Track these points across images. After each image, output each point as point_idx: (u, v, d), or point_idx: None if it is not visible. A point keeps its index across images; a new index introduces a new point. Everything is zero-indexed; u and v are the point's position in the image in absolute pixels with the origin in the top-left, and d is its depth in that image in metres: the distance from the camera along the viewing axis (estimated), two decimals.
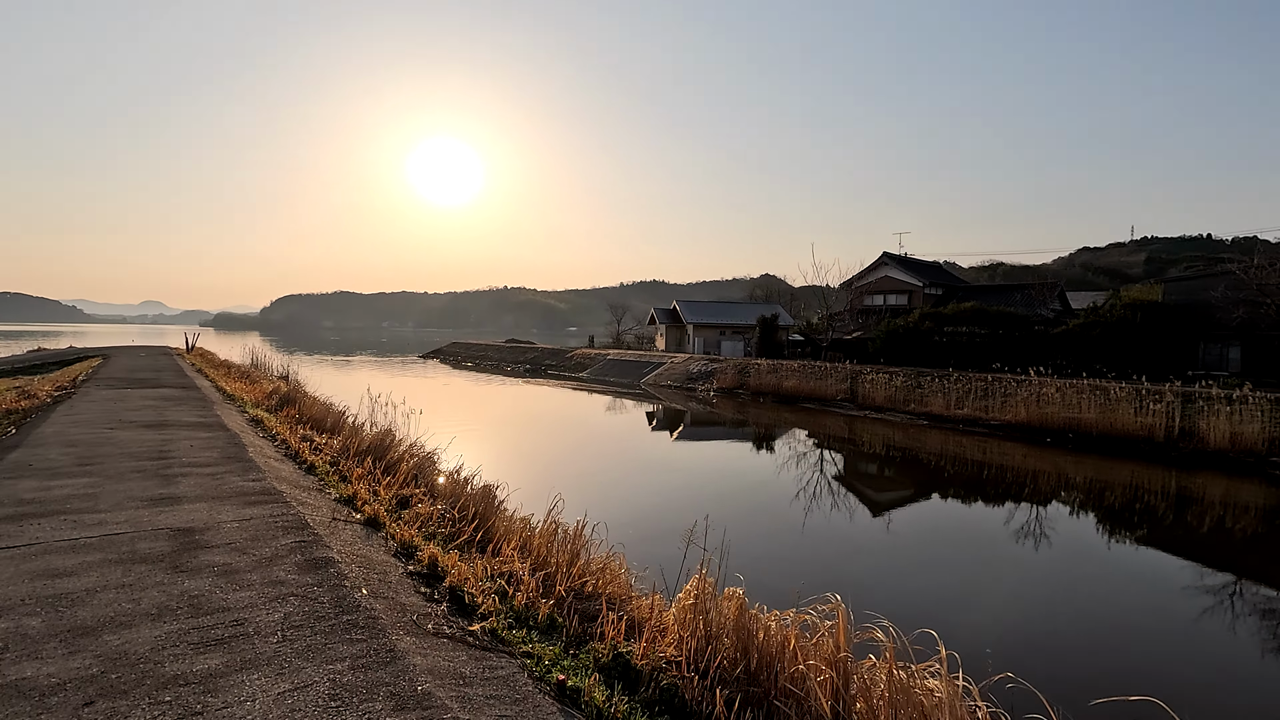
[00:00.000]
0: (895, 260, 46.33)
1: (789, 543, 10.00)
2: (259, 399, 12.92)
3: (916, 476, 16.76)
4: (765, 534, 10.26)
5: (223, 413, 9.80)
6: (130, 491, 4.99)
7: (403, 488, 6.06)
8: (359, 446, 7.48)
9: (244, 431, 8.15)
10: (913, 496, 14.73)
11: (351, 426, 8.56)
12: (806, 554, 9.51)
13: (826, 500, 13.25)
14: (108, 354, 28.39)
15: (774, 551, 9.35)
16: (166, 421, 8.58)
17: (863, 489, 15.20)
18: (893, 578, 8.68)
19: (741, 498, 12.98)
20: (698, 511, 5.85)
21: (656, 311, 57.69)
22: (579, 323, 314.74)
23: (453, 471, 6.78)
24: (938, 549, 10.44)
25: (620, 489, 13.03)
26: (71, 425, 8.06)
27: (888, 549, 10.26)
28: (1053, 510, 13.60)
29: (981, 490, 15.32)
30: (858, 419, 27.57)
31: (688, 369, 40.84)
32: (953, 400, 26.41)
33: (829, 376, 32.46)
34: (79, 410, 9.48)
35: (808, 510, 12.23)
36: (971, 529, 12.21)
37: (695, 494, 13.02)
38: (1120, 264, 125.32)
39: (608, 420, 26.29)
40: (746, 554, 8.29)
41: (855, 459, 18.99)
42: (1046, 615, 7.71)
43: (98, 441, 7.01)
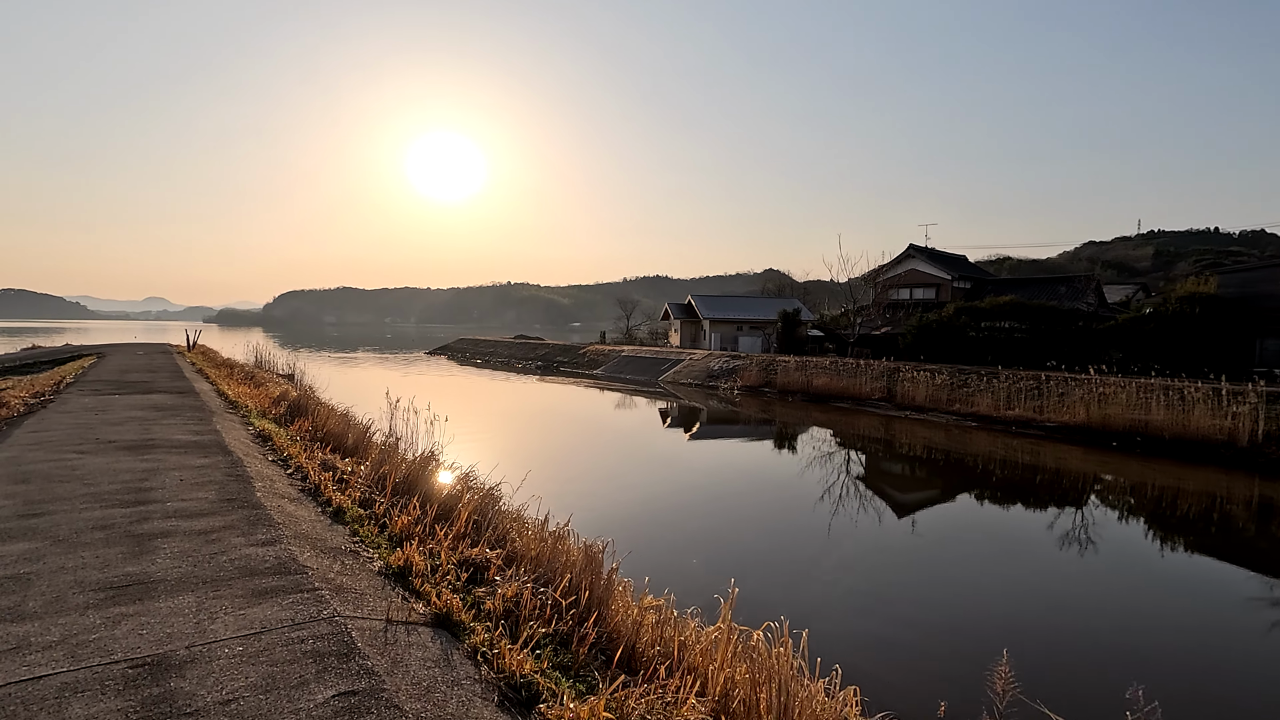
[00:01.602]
0: (922, 253, 44.52)
1: (874, 572, 8.39)
2: (265, 406, 11.30)
3: (981, 485, 15.19)
4: (848, 561, 8.65)
5: (223, 426, 8.18)
6: (82, 570, 3.37)
7: (466, 542, 4.44)
8: (395, 476, 5.86)
9: (249, 455, 6.53)
10: (981, 509, 13.19)
11: (380, 446, 6.93)
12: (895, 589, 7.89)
13: (895, 520, 11.62)
14: (103, 352, 26.82)
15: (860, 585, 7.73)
16: (153, 441, 6.95)
17: (930, 502, 13.59)
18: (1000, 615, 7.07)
19: (811, 517, 11.37)
20: (782, 541, 4.26)
21: (670, 306, 55.96)
22: (582, 318, 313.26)
23: (526, 516, 5.16)
24: (1018, 571, 8.90)
25: (708, 522, 11.42)
26: (33, 447, 6.45)
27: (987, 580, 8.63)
28: (1132, 523, 12.26)
29: (1053, 499, 13.93)
30: (897, 420, 25.93)
31: (708, 366, 39.19)
32: (1001, 400, 24.75)
33: (863, 374, 30.81)
34: (50, 425, 7.86)
35: (879, 531, 10.62)
36: (1045, 543, 10.73)
37: (766, 516, 11.43)
38: (1127, 257, 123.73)
39: (643, 426, 24.61)
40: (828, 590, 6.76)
41: (913, 466, 17.32)
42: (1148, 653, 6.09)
43: (59, 474, 5.39)
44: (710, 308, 52.02)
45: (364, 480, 6.04)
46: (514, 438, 19.08)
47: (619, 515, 10.40)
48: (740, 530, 10.31)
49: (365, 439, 7.75)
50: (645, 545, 8.96)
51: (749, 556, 8.96)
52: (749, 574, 8.14)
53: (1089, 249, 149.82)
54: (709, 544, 9.32)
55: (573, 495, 10.80)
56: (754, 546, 9.47)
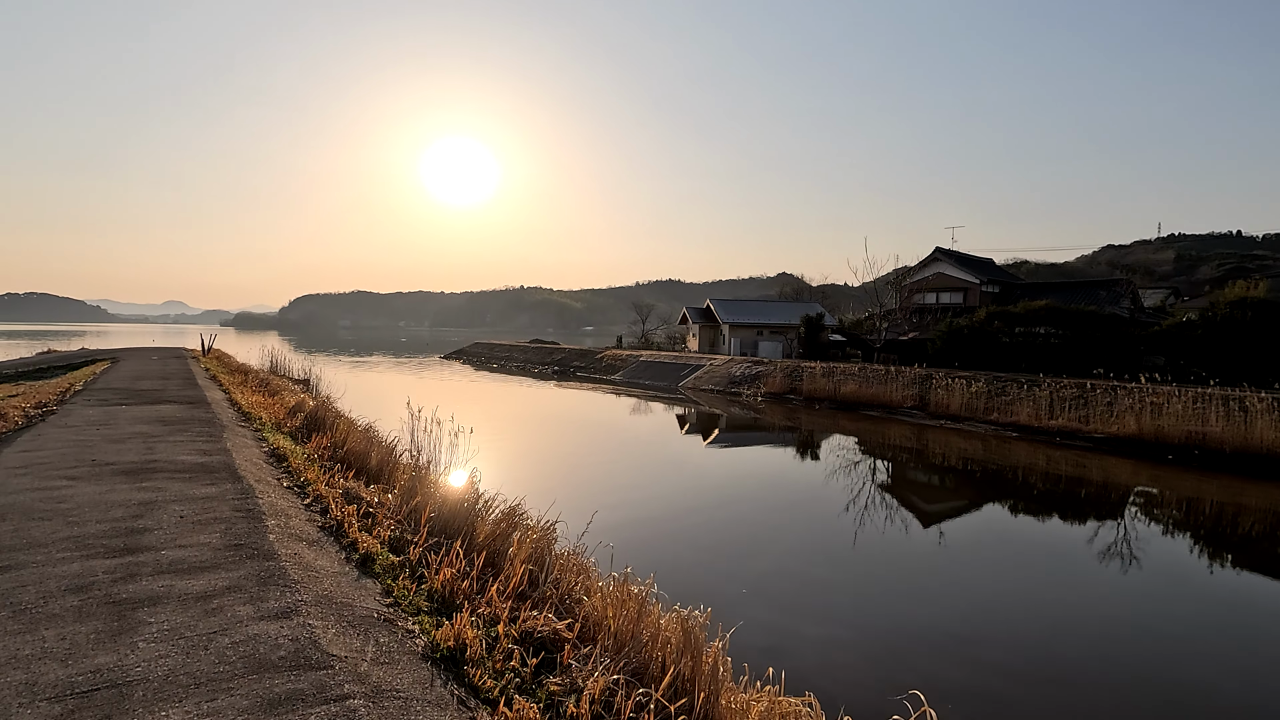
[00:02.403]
0: (949, 256, 43.33)
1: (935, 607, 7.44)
2: (280, 418, 10.55)
3: (1030, 501, 14.23)
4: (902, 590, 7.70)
5: (234, 444, 7.41)
6: (39, 662, 2.55)
7: (526, 605, 3.59)
8: (429, 508, 5.04)
9: (261, 481, 5.73)
10: (1032, 526, 12.27)
11: (409, 469, 6.11)
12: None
13: (945, 546, 10.62)
14: (117, 357, 26.37)
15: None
16: (155, 464, 6.18)
17: (987, 521, 12.59)
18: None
19: (876, 542, 10.43)
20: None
21: (688, 311, 55.06)
22: (594, 322, 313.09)
23: (588, 562, 4.31)
24: (1072, 595, 7.95)
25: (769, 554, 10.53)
26: (19, 472, 5.69)
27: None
28: (1191, 542, 11.37)
29: (1107, 515, 13.17)
30: (931, 429, 24.85)
31: (730, 372, 38.24)
32: (1043, 409, 23.63)
33: (893, 381, 29.75)
34: (45, 443, 7.12)
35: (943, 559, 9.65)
36: (1097, 564, 9.85)
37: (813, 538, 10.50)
38: (1148, 261, 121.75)
39: (675, 437, 23.67)
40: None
41: (958, 480, 16.26)
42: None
43: (41, 509, 4.61)
44: (729, 312, 51.05)
45: (393, 513, 5.22)
46: (544, 451, 18.14)
47: (667, 540, 9.53)
48: (800, 557, 9.40)
49: (391, 460, 6.94)
50: (702, 575, 8.09)
51: (816, 590, 8.06)
52: (816, 608, 7.26)
53: (1108, 253, 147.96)
54: (775, 575, 8.42)
55: (616, 519, 9.92)
56: (815, 575, 8.57)
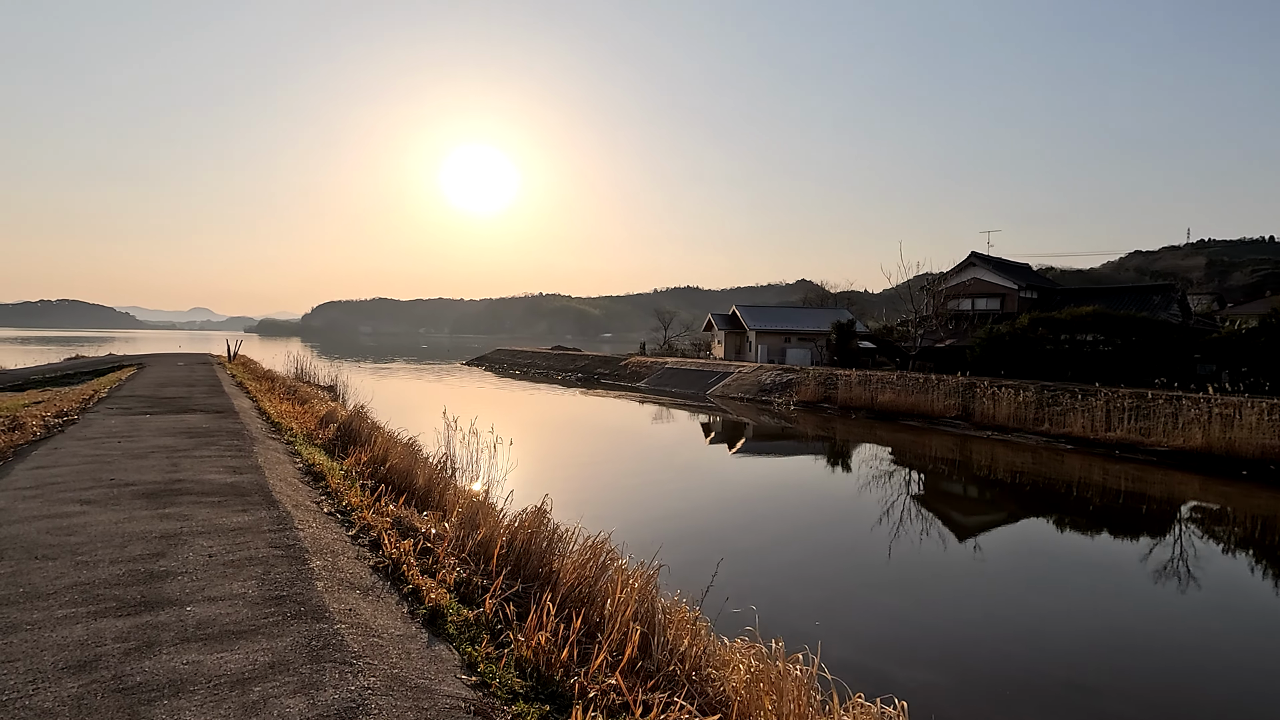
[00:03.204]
0: (985, 261, 41.99)
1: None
2: (312, 428, 9.88)
3: (1094, 519, 13.21)
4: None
5: (265, 459, 6.71)
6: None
7: (648, 685, 2.78)
8: (497, 541, 4.26)
9: (299, 506, 4.99)
10: (1095, 545, 11.26)
11: (462, 492, 5.34)
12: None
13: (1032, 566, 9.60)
14: (144, 363, 26.12)
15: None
16: (180, 484, 5.47)
17: (1049, 541, 11.54)
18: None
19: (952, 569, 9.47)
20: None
21: (714, 317, 54.15)
22: (613, 329, 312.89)
23: (696, 614, 3.48)
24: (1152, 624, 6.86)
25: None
26: (29, 494, 5.00)
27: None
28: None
29: (1179, 535, 12.18)
30: (978, 440, 23.72)
31: (759, 380, 37.25)
32: (1099, 420, 22.41)
33: (934, 389, 28.59)
34: (61, 457, 6.46)
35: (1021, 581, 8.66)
36: (1166, 589, 8.96)
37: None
38: (1178, 267, 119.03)
39: (714, 450, 22.78)
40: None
41: (1021, 495, 15.14)
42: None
43: (47, 543, 3.89)
44: (756, 318, 50.07)
45: (454, 548, 4.44)
46: (588, 464, 17.05)
47: (754, 571, 8.64)
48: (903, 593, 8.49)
49: (441, 480, 6.17)
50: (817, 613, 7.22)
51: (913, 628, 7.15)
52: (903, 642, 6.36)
53: (1135, 259, 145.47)
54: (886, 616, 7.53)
55: (688, 547, 9.03)
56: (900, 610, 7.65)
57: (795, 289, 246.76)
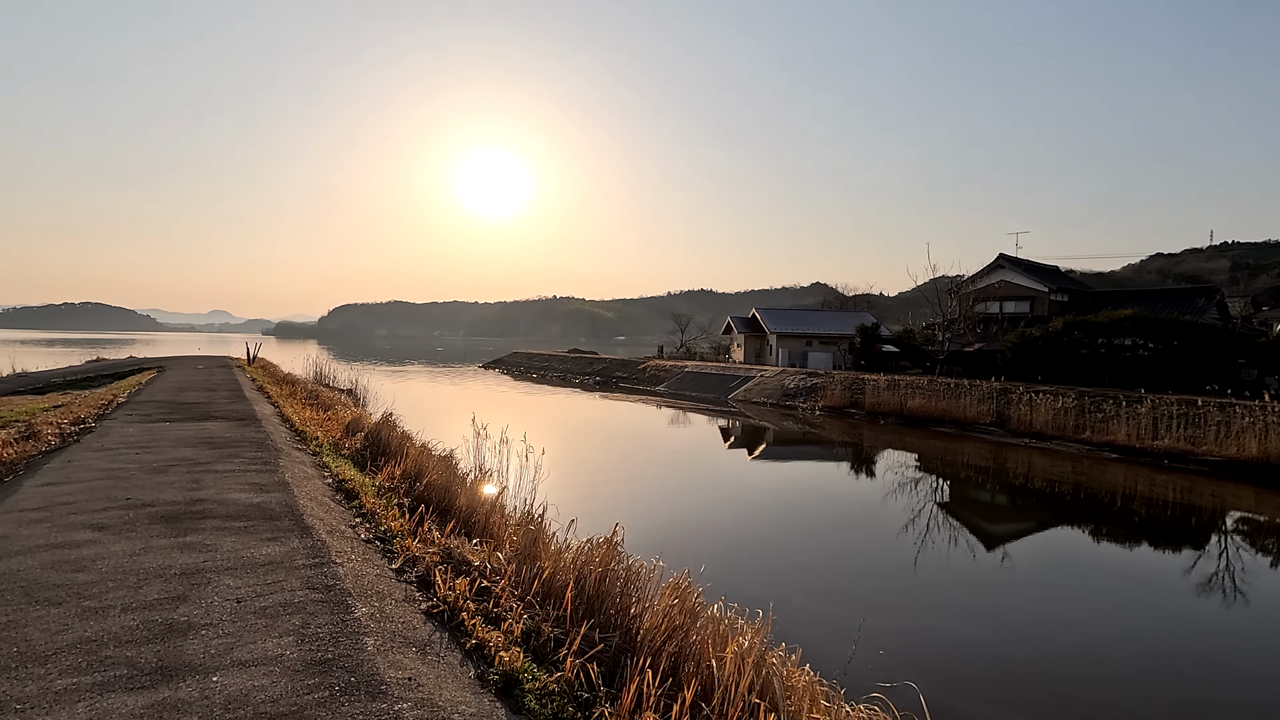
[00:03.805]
0: (1013, 263, 40.94)
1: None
2: (337, 437, 9.38)
3: (1153, 535, 12.37)
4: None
5: (292, 474, 6.18)
6: None
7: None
8: (566, 583, 3.68)
9: (334, 533, 4.44)
10: (1154, 563, 10.40)
11: (523, 522, 4.77)
12: None
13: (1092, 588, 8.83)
14: (164, 366, 25.91)
15: None
16: (202, 504, 4.94)
17: (1102, 557, 10.71)
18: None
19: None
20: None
21: (733, 320, 53.43)
22: (626, 331, 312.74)
23: (820, 676, 2.88)
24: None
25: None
26: (35, 517, 4.49)
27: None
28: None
29: (1236, 552, 11.26)
30: (1015, 448, 22.87)
31: (783, 384, 36.50)
32: (1144, 428, 21.49)
33: (965, 395, 27.72)
34: (75, 472, 5.98)
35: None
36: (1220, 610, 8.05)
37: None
38: (1201, 270, 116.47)
39: (750, 459, 22.06)
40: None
41: (1076, 509, 14.28)
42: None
43: (49, 585, 3.36)
44: (777, 321, 49.28)
45: (511, 583, 3.86)
46: (622, 474, 16.19)
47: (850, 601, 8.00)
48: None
49: (485, 501, 5.60)
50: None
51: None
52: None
53: (1157, 261, 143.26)
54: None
55: (749, 572, 8.36)
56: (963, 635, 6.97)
57: (810, 291, 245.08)
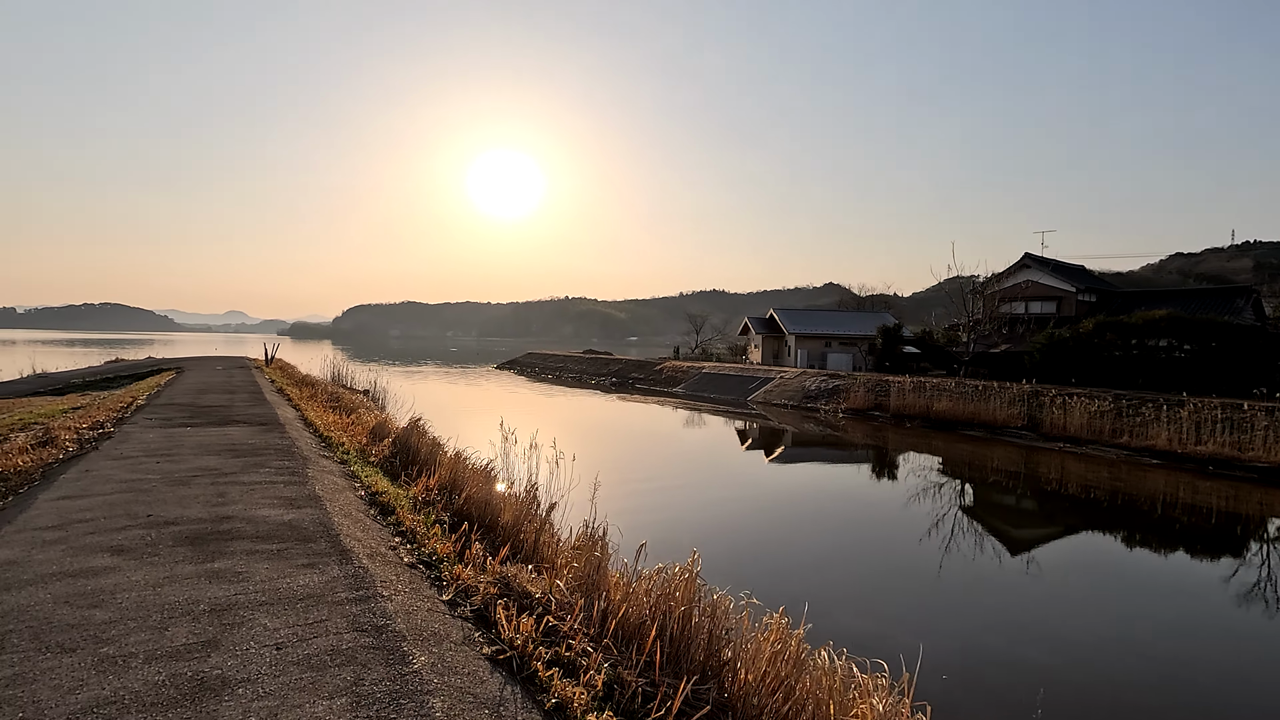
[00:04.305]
0: (1039, 263, 40.01)
1: None
2: (364, 444, 8.98)
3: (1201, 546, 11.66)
4: None
5: (323, 486, 5.77)
6: None
7: None
8: (644, 621, 3.20)
9: (375, 558, 4.00)
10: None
11: (582, 545, 4.31)
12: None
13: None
14: (182, 367, 25.77)
15: None
16: (229, 523, 4.52)
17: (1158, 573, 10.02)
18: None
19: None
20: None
21: (750, 321, 52.83)
22: (639, 332, 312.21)
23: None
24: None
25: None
26: (50, 538, 4.09)
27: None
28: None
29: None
30: (1048, 452, 22.21)
31: (803, 385, 35.88)
32: (1186, 433, 20.74)
33: (994, 397, 27.01)
34: (92, 483, 5.59)
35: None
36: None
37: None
38: (1223, 270, 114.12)
39: (790, 466, 21.43)
40: None
41: (1123, 518, 13.56)
42: None
43: (62, 625, 2.94)
44: (795, 322, 48.64)
45: (580, 620, 3.40)
46: (657, 481, 15.38)
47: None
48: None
49: (531, 517, 5.14)
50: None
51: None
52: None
53: (1176, 261, 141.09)
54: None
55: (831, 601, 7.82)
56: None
57: (824, 292, 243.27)
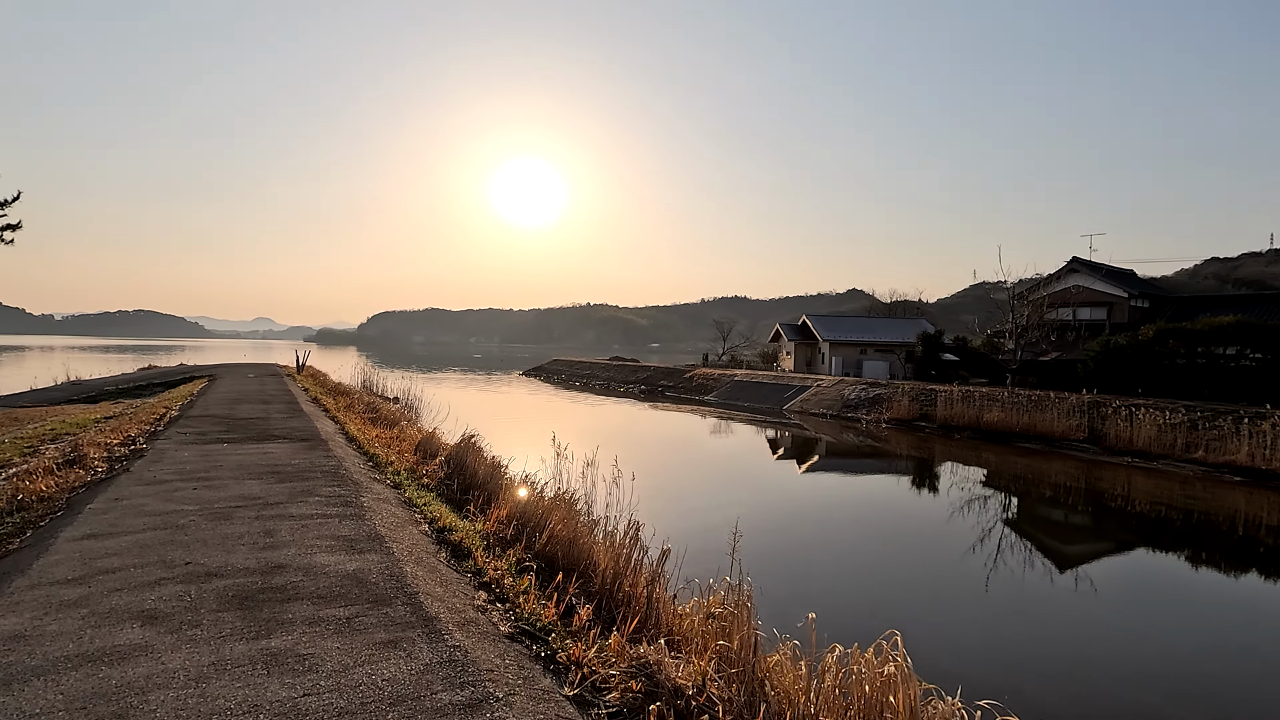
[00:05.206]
0: (1089, 267, 38.34)
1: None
2: (413, 463, 8.22)
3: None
4: None
5: (382, 521, 4.97)
6: None
7: None
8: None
9: (468, 628, 3.16)
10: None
11: (722, 614, 3.44)
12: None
13: None
14: (215, 374, 25.46)
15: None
16: (282, 574, 3.72)
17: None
18: None
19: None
20: None
21: (782, 327, 51.65)
22: (660, 339, 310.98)
23: None
24: None
25: None
26: (68, 597, 3.32)
27: None
28: None
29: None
30: (1113, 467, 20.87)
31: (842, 394, 34.68)
32: (1270, 447, 19.29)
33: (1051, 408, 25.64)
34: (122, 517, 4.84)
35: None
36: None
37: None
38: (1263, 275, 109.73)
39: (860, 480, 20.35)
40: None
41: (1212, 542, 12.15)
42: None
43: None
44: (829, 329, 47.34)
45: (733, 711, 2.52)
46: (732, 502, 13.84)
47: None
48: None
49: (627, 560, 4.28)
50: None
51: None
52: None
53: (1212, 265, 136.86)
54: None
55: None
56: None
57: (847, 298, 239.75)
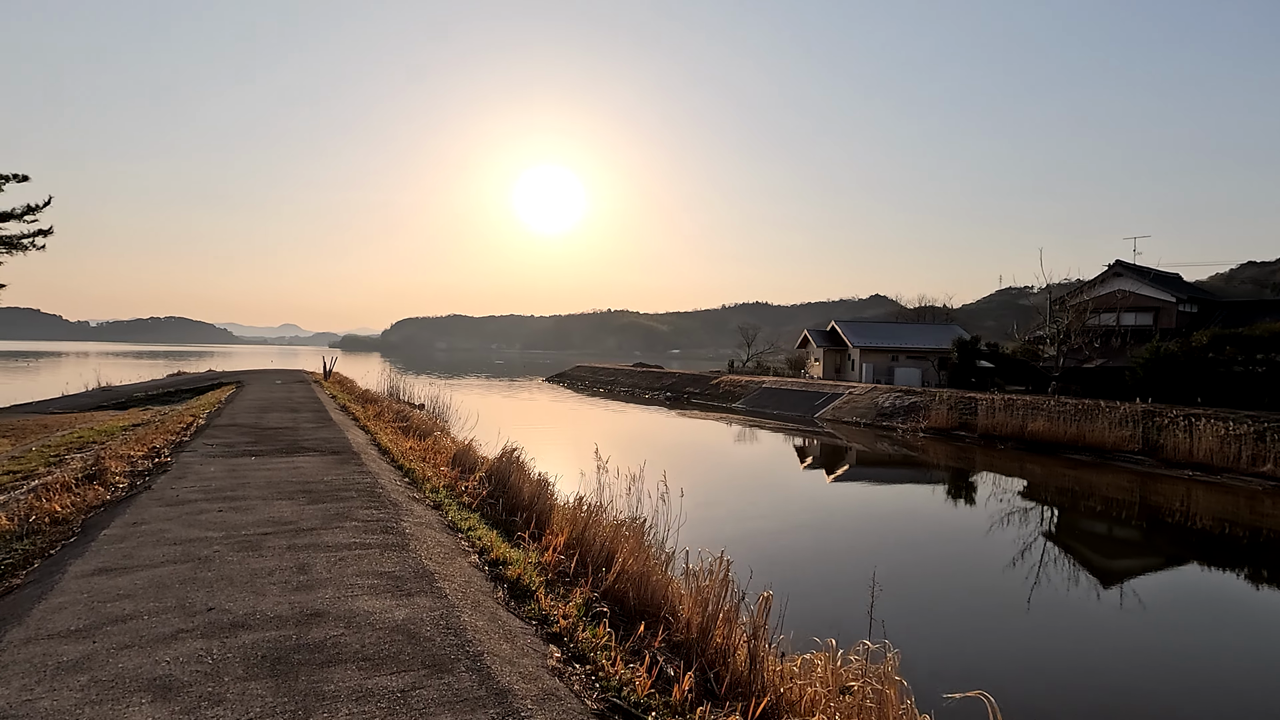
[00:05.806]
0: (1134, 271, 36.90)
1: None
2: (452, 478, 7.67)
3: None
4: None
5: (428, 552, 4.40)
6: None
7: None
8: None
9: (545, 702, 2.55)
10: None
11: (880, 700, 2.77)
12: None
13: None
14: (242, 381, 25.35)
15: None
16: (320, 627, 3.15)
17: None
18: None
19: None
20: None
21: (810, 333, 50.72)
22: (681, 345, 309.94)
23: None
24: None
25: None
26: (65, 658, 2.77)
27: None
28: None
29: None
30: (1172, 480, 19.78)
31: (875, 402, 33.68)
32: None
33: (1100, 417, 24.50)
34: (140, 544, 4.33)
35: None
36: None
37: None
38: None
39: (913, 495, 19.53)
40: None
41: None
42: None
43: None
44: (860, 335, 46.31)
45: None
46: (787, 527, 12.92)
47: None
48: None
49: (723, 609, 3.66)
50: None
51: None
52: None
53: (1249, 270, 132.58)
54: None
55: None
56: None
57: (870, 304, 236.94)
